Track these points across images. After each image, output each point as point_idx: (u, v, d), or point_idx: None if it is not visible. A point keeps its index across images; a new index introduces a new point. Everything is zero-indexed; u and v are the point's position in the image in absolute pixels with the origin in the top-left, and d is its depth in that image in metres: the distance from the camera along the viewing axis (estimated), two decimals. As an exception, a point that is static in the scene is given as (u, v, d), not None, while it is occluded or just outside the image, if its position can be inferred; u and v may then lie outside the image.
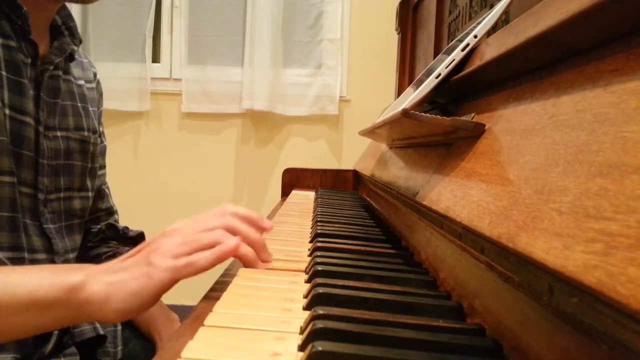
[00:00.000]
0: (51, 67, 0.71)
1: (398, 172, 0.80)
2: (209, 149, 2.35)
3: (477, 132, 0.47)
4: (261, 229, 0.55)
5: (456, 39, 0.64)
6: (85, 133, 0.79)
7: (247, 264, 0.52)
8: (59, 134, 0.74)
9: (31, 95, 0.68)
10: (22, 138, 0.67)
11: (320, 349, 0.31)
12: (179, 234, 0.49)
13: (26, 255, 0.66)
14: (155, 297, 0.46)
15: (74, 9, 2.21)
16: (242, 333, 0.37)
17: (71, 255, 0.76)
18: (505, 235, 0.32)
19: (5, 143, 0.64)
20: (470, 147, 0.48)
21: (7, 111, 0.64)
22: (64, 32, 0.76)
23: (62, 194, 0.75)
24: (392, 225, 0.86)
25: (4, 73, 0.64)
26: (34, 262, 0.67)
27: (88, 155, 0.80)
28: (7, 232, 0.65)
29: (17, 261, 0.65)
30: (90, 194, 0.82)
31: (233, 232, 0.51)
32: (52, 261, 0.70)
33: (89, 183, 0.81)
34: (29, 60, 0.68)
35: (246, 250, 0.51)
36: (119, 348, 0.80)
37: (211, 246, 0.48)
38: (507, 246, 0.31)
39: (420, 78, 0.67)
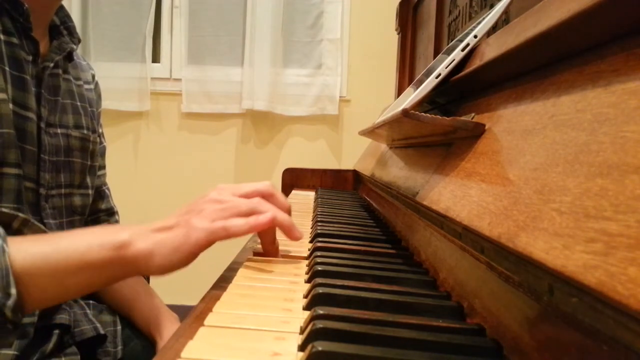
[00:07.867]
0: (51, 65, 0.72)
1: (398, 172, 0.80)
2: (209, 149, 2.35)
3: (477, 132, 0.47)
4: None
5: (456, 39, 0.64)
6: (85, 131, 0.80)
7: (285, 230, 0.57)
8: (59, 131, 0.74)
9: (33, 91, 0.69)
10: (25, 133, 0.67)
11: (320, 349, 0.31)
12: (219, 200, 0.53)
13: None
14: (193, 254, 0.50)
15: (74, 9, 2.22)
16: (242, 333, 0.37)
17: None
18: (505, 235, 0.32)
19: (12, 136, 0.65)
20: (470, 147, 0.48)
21: (11, 106, 0.65)
22: (63, 31, 0.77)
23: (62, 190, 0.75)
24: (392, 225, 0.86)
25: (7, 69, 0.65)
26: None
27: (88, 153, 0.80)
28: None
29: None
30: (90, 191, 0.82)
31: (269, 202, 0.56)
32: None
33: (89, 181, 0.81)
34: (30, 58, 0.69)
35: (283, 217, 0.55)
36: (119, 347, 0.80)
37: (249, 214, 0.53)
38: (507, 246, 0.31)
39: (420, 78, 0.67)
